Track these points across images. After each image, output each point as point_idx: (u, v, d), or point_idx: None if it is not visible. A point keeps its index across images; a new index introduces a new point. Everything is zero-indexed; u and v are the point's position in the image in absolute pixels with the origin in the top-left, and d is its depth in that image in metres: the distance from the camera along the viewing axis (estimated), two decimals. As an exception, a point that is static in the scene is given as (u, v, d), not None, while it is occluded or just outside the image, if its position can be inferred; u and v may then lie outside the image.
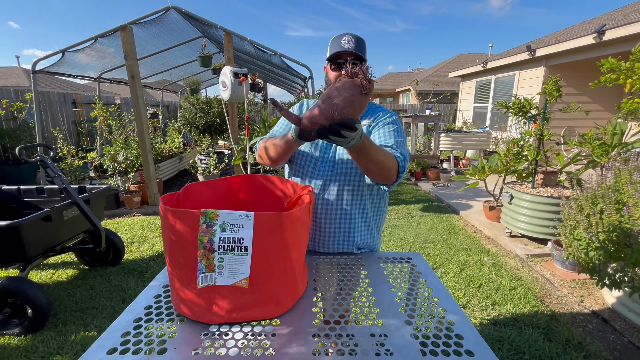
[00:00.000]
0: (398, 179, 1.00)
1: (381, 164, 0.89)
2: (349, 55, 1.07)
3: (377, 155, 0.86)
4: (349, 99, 0.67)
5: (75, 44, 3.61)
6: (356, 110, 0.69)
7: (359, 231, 1.21)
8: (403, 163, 0.99)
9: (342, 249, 1.23)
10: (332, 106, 0.68)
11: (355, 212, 1.18)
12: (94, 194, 2.29)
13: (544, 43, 6.38)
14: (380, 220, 1.29)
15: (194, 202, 1.07)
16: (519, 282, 2.45)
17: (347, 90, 0.68)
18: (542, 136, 2.78)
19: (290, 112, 0.77)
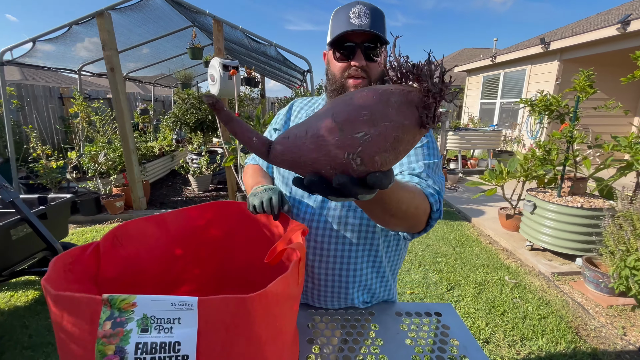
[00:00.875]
0: (429, 226, 0.65)
1: (404, 214, 0.55)
2: (361, 35, 0.72)
3: (399, 202, 0.52)
4: (392, 135, 0.33)
5: (46, 32, 3.24)
6: (400, 156, 0.36)
7: (368, 283, 0.88)
8: (438, 204, 0.65)
9: (343, 305, 0.90)
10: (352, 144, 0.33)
11: (362, 258, 0.84)
12: (52, 206, 1.95)
13: (558, 35, 6.00)
14: (398, 263, 0.95)
15: (133, 249, 0.74)
16: (549, 308, 2.12)
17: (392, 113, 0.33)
18: (572, 138, 2.43)
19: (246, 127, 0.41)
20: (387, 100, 0.33)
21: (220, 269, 0.94)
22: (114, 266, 0.70)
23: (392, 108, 0.33)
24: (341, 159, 0.33)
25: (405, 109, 0.33)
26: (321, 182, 0.35)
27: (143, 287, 0.78)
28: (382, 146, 0.33)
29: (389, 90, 0.34)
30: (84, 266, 0.61)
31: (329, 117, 0.34)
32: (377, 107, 0.33)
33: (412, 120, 0.33)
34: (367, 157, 0.33)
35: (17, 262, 1.78)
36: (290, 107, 0.96)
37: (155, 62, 6.04)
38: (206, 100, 0.41)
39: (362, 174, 0.34)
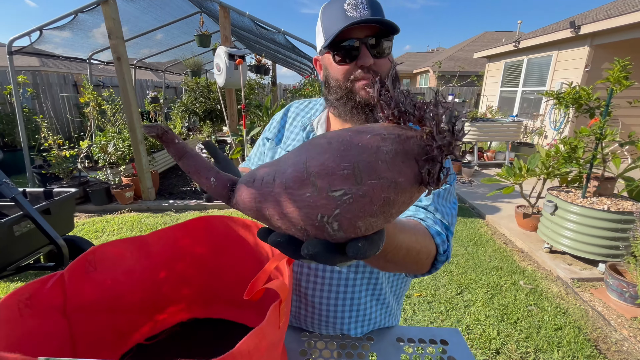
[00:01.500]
0: (434, 269, 0.56)
1: (402, 260, 0.46)
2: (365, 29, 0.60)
3: (397, 249, 0.43)
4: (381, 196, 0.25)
5: (53, 20, 3.19)
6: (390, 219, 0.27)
7: (367, 312, 0.79)
8: (446, 245, 0.55)
9: (338, 332, 0.82)
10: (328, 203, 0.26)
11: (360, 287, 0.75)
12: (55, 201, 1.94)
13: (590, 18, 5.54)
14: (404, 287, 0.86)
15: (109, 274, 0.67)
16: (566, 318, 2.00)
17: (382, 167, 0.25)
18: (602, 136, 2.23)
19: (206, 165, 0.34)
20: (376, 149, 0.25)
21: (209, 287, 0.87)
22: (89, 292, 0.65)
23: (383, 161, 0.25)
24: (313, 221, 0.26)
25: (401, 162, 0.25)
26: (290, 243, 0.28)
27: (123, 312, 0.73)
28: (367, 210, 0.25)
29: (380, 135, 0.26)
30: (47, 298, 0.56)
31: (301, 165, 0.27)
32: (362, 157, 0.25)
33: (408, 178, 0.25)
34: (347, 223, 0.25)
35: (21, 258, 1.79)
36: (285, 111, 0.85)
37: (166, 49, 5.97)
38: (148, 131, 0.32)
39: (340, 240, 0.27)
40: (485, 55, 8.45)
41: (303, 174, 0.26)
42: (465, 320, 1.98)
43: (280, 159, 0.31)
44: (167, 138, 0.33)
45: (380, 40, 0.61)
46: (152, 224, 3.33)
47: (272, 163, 0.31)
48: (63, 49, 4.14)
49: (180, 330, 0.84)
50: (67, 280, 0.58)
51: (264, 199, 0.29)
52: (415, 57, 21.56)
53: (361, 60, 0.61)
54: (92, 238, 3.02)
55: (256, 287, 0.57)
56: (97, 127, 4.44)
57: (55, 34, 3.63)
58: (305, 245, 0.27)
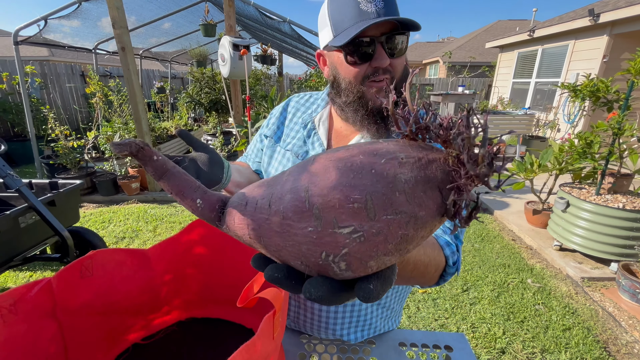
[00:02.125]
0: (442, 280, 0.53)
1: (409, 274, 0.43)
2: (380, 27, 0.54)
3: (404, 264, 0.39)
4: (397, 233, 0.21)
5: (57, 9, 3.17)
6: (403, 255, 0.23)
7: (367, 318, 0.77)
8: (456, 256, 0.52)
9: (338, 336, 0.80)
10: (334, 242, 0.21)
11: None
12: (60, 193, 1.95)
13: (610, 6, 5.29)
14: (407, 290, 0.83)
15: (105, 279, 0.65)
16: (575, 318, 1.95)
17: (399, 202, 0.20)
18: (619, 130, 2.13)
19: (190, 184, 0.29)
20: (393, 177, 0.21)
21: (206, 287, 0.86)
22: (83, 296, 0.63)
23: (401, 192, 0.21)
24: (316, 259, 0.23)
25: (422, 193, 0.21)
26: (288, 277, 0.25)
27: (119, 314, 0.71)
28: (381, 249, 0.21)
29: (397, 160, 0.21)
30: (34, 303, 0.54)
31: (302, 192, 0.23)
32: (376, 188, 0.21)
33: (430, 211, 0.21)
34: (357, 263, 0.22)
35: (27, 249, 1.81)
36: (284, 106, 0.81)
37: (172, 39, 5.92)
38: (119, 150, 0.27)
39: (346, 278, 0.23)
40: (498, 45, 8.18)
41: (304, 204, 0.22)
42: (470, 318, 1.95)
43: (277, 179, 0.26)
44: (143, 155, 0.28)
45: (396, 37, 0.55)
46: (157, 215, 3.35)
47: (268, 183, 0.27)
48: (71, 39, 4.13)
49: (178, 330, 0.83)
50: (55, 286, 0.56)
51: (258, 227, 0.25)
52: (425, 47, 21.06)
53: (376, 61, 0.55)
54: (99, 229, 3.05)
55: (249, 294, 0.54)
56: (103, 118, 4.45)
57: (61, 24, 3.62)
58: (307, 286, 0.23)
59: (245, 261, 0.82)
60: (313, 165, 0.24)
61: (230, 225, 0.28)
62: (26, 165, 5.24)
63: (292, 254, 0.24)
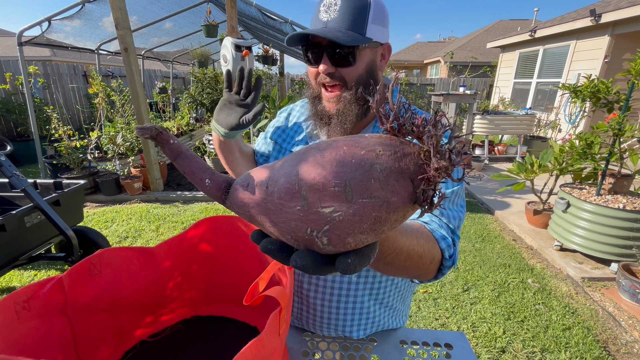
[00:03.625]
0: (440, 274, 0.54)
1: (403, 264, 0.44)
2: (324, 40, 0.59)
3: (398, 252, 0.41)
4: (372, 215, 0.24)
5: (60, 10, 3.19)
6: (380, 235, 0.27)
7: (370, 315, 0.78)
8: (452, 250, 0.53)
9: (340, 334, 0.81)
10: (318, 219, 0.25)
11: (363, 291, 0.74)
12: (65, 193, 1.97)
13: (612, 6, 5.29)
14: (408, 290, 0.84)
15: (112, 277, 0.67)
16: (575, 318, 1.96)
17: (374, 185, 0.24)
18: (620, 131, 2.14)
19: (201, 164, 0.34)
20: (370, 166, 0.24)
21: (211, 284, 0.87)
22: (92, 294, 0.65)
23: (376, 180, 0.24)
24: (303, 234, 0.26)
25: (395, 181, 0.24)
26: (281, 250, 0.29)
27: (126, 311, 0.73)
28: (357, 228, 0.25)
29: (375, 152, 0.25)
30: (46, 300, 0.56)
31: (293, 176, 0.27)
32: (354, 175, 0.24)
33: (402, 197, 0.24)
34: (336, 238, 0.26)
35: (32, 248, 1.83)
36: (290, 111, 0.86)
37: (174, 39, 5.94)
38: (142, 133, 0.32)
39: (330, 252, 0.27)
40: (499, 45, 8.18)
41: (294, 187, 0.26)
42: (470, 317, 1.96)
43: (275, 165, 0.30)
44: (161, 139, 0.33)
45: (338, 49, 0.59)
46: (160, 215, 3.37)
47: (268, 167, 0.31)
48: (73, 39, 4.15)
49: (184, 327, 0.85)
50: (66, 283, 0.58)
51: (257, 205, 0.29)
52: (426, 47, 21.03)
53: (320, 66, 0.61)
54: (102, 228, 3.07)
55: (256, 292, 0.56)
56: (106, 118, 4.48)
57: (64, 24, 3.64)
58: (294, 256, 0.27)
59: (249, 260, 0.84)
60: (304, 154, 0.28)
61: (234, 203, 0.32)
62: (29, 165, 5.27)
63: (284, 229, 0.27)
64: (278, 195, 0.27)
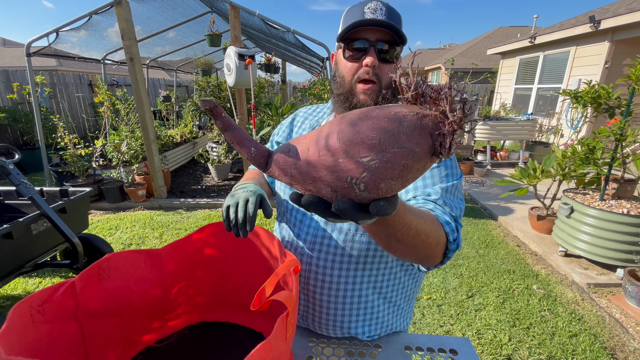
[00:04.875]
0: (446, 258, 0.58)
1: (412, 241, 0.47)
2: (376, 32, 0.63)
3: (407, 227, 0.45)
4: (401, 162, 0.30)
5: (68, 22, 3.27)
6: (406, 183, 0.32)
7: (375, 311, 0.79)
8: (455, 234, 0.57)
9: (346, 334, 0.82)
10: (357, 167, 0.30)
11: (367, 284, 0.75)
12: (71, 201, 1.99)
13: (610, 13, 5.34)
14: (413, 289, 0.85)
15: (120, 281, 0.68)
16: (581, 324, 1.94)
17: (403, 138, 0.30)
18: (622, 137, 2.15)
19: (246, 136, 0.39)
20: (398, 124, 0.30)
21: (217, 291, 0.88)
22: (101, 298, 0.66)
23: (404, 134, 0.30)
24: (343, 182, 0.31)
25: (418, 136, 0.30)
26: (320, 203, 0.33)
27: (134, 316, 0.74)
28: (389, 174, 0.30)
29: (401, 113, 0.30)
30: (59, 304, 0.57)
31: (334, 136, 0.32)
32: (387, 131, 0.30)
33: (424, 148, 0.30)
34: (372, 184, 0.30)
35: (38, 255, 1.84)
36: (293, 117, 0.89)
37: (178, 49, 6.04)
38: (203, 105, 0.36)
39: (364, 200, 0.32)
40: (499, 51, 8.25)
41: (337, 144, 0.31)
42: (475, 324, 1.95)
43: (311, 134, 0.35)
44: (216, 112, 0.37)
45: (389, 46, 0.64)
46: (163, 222, 3.39)
47: (304, 137, 0.36)
48: (79, 49, 4.23)
49: (190, 333, 0.85)
50: (78, 288, 0.59)
51: (299, 166, 0.34)
52: (427, 53, 21.22)
53: (367, 59, 0.64)
54: (106, 235, 3.09)
55: (263, 297, 0.56)
56: (111, 126, 4.54)
57: (71, 35, 3.72)
58: (335, 202, 0.31)
59: (254, 266, 0.85)
60: (343, 118, 0.33)
61: (276, 168, 0.37)
62: (35, 173, 5.33)
63: (324, 182, 0.32)
64: (320, 153, 0.32)
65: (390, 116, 0.30)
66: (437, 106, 0.30)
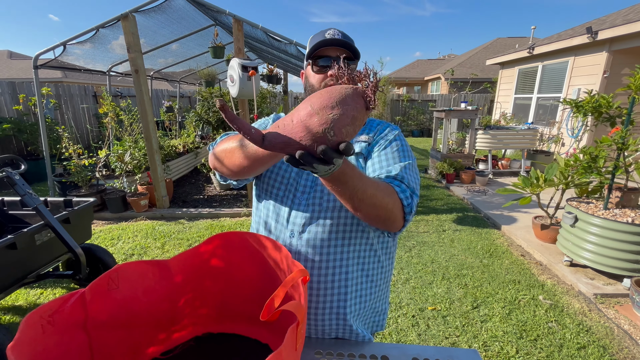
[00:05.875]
0: (406, 222, 0.72)
1: (371, 200, 0.63)
2: (337, 50, 0.81)
3: (365, 187, 0.62)
4: (350, 114, 0.47)
5: (76, 35, 3.34)
6: (356, 130, 0.49)
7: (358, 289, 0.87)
8: (409, 200, 0.71)
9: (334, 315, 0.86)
10: (327, 121, 0.46)
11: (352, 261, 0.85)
12: (75, 211, 2.00)
13: (607, 24, 5.42)
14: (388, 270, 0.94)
15: (129, 292, 0.68)
16: (590, 336, 1.91)
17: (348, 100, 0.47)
18: (623, 145, 2.16)
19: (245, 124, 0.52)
20: (345, 92, 0.47)
21: (222, 301, 0.88)
22: (108, 309, 0.66)
23: (349, 97, 0.47)
24: (320, 133, 0.46)
25: (357, 98, 0.47)
26: (308, 154, 0.47)
27: (140, 328, 0.73)
28: (346, 122, 0.46)
29: (344, 87, 0.48)
30: (68, 315, 0.57)
31: (308, 107, 0.48)
32: (340, 97, 0.47)
33: (361, 105, 0.48)
34: (337, 130, 0.46)
35: (41, 266, 1.84)
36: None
37: (181, 60, 6.15)
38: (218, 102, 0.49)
39: (334, 143, 0.47)
40: (498, 62, 8.35)
41: (311, 110, 0.47)
42: (482, 336, 1.92)
43: (291, 113, 0.50)
44: (225, 107, 0.49)
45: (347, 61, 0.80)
46: (166, 232, 3.38)
47: (286, 116, 0.51)
48: (84, 61, 4.31)
49: (195, 345, 0.85)
50: (88, 298, 0.59)
51: (289, 132, 0.48)
52: (426, 64, 21.47)
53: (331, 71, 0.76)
54: (108, 246, 3.08)
55: (272, 307, 0.56)
56: (114, 137, 4.58)
57: (76, 47, 3.80)
58: (318, 148, 0.46)
59: (259, 277, 0.85)
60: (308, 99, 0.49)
61: (271, 139, 0.49)
62: (38, 183, 5.35)
63: (308, 137, 0.47)
64: (302, 119, 0.47)
65: (339, 89, 0.48)
66: (362, 82, 0.49)
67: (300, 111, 0.48)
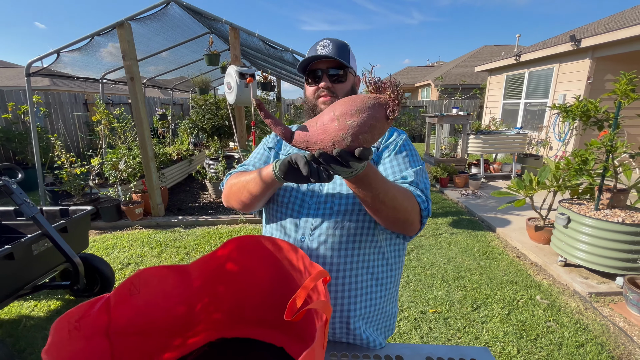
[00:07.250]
0: (422, 225, 0.76)
1: (392, 202, 0.66)
2: (326, 63, 0.85)
3: (387, 190, 0.65)
4: (369, 123, 0.49)
5: (70, 43, 3.32)
6: (375, 138, 0.51)
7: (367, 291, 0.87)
8: (426, 204, 0.75)
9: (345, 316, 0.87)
10: (345, 127, 0.50)
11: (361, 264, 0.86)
12: (72, 220, 1.96)
13: (590, 32, 5.65)
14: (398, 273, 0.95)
15: (149, 297, 0.68)
16: (587, 334, 1.95)
17: (369, 110, 0.50)
18: (612, 147, 2.24)
19: (278, 120, 0.57)
20: (367, 102, 0.50)
21: (235, 305, 0.88)
22: (128, 315, 0.66)
23: (370, 107, 0.49)
24: (338, 137, 0.50)
25: (378, 108, 0.49)
26: (326, 154, 0.51)
27: (156, 333, 0.73)
28: (363, 129, 0.49)
29: (367, 97, 0.51)
30: (93, 320, 0.57)
31: (331, 113, 0.52)
32: (360, 105, 0.49)
33: (382, 114, 0.49)
34: (354, 136, 0.49)
35: (38, 276, 1.80)
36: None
37: (175, 68, 6.14)
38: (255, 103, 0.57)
39: (351, 148, 0.50)
40: (486, 68, 8.58)
41: (333, 116, 0.51)
42: (483, 337, 1.94)
43: (317, 117, 0.55)
44: (262, 106, 0.56)
45: (336, 71, 0.84)
46: (162, 240, 3.33)
47: (312, 119, 0.56)
48: (73, 68, 4.26)
49: (209, 350, 0.84)
50: (112, 304, 0.59)
51: (313, 133, 0.53)
52: (416, 71, 21.88)
53: (322, 83, 0.85)
54: (103, 255, 3.02)
55: (294, 307, 0.57)
56: (107, 145, 4.52)
57: (68, 55, 3.76)
58: (335, 150, 0.50)
59: (273, 281, 0.85)
60: (335, 103, 0.53)
61: (297, 138, 0.55)
62: (28, 193, 5.22)
63: (328, 139, 0.51)
64: (325, 123, 0.51)
65: (362, 98, 0.50)
66: (385, 92, 0.51)
67: (324, 115, 0.53)
